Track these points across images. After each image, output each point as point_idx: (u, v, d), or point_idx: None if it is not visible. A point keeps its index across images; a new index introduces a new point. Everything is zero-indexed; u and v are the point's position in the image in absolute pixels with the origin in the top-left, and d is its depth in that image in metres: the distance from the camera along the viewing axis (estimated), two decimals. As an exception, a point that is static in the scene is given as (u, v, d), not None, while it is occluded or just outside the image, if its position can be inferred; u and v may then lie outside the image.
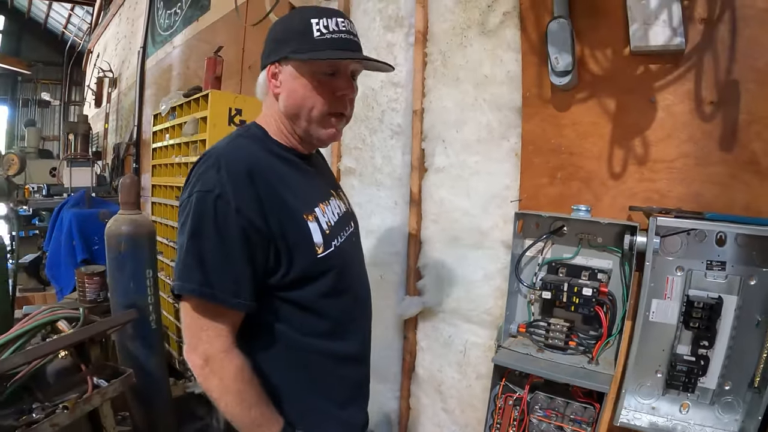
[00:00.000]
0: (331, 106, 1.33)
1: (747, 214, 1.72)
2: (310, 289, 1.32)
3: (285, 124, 1.39)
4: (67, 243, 4.63)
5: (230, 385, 1.21)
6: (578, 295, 1.91)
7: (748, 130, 1.73)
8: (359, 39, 1.38)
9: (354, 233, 1.56)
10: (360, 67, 1.40)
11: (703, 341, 1.79)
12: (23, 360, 2.04)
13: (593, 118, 2.02)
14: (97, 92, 10.18)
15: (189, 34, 5.50)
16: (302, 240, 1.28)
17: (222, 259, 1.19)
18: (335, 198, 1.51)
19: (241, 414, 1.22)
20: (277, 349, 1.34)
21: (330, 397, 1.44)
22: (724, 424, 1.79)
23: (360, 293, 1.53)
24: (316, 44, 1.27)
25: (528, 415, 2.04)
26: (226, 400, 1.21)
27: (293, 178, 1.35)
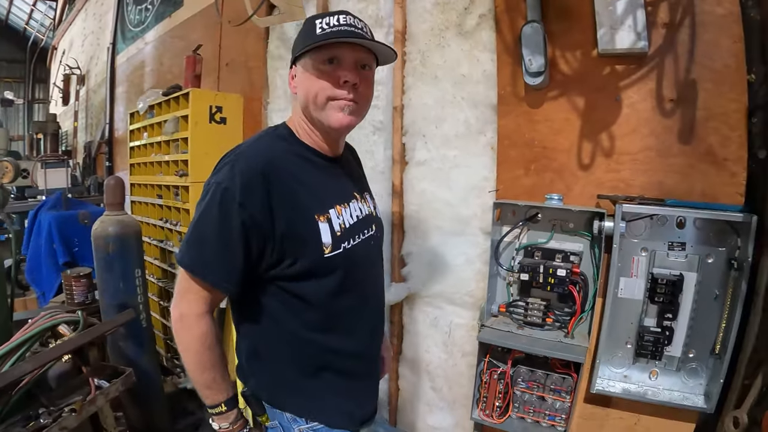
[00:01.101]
0: (334, 92, 1.36)
1: (704, 200, 1.92)
2: (315, 284, 1.38)
3: (306, 122, 1.45)
4: (48, 246, 4.47)
5: (192, 344, 1.34)
6: (553, 276, 2.08)
7: (705, 126, 1.91)
8: (367, 31, 1.40)
9: (374, 237, 1.58)
10: (366, 57, 1.41)
11: (668, 314, 1.98)
12: (33, 366, 2.03)
13: (564, 115, 2.18)
14: (64, 90, 9.87)
15: (162, 30, 5.39)
16: (310, 238, 1.34)
17: (218, 245, 1.29)
18: (358, 201, 1.54)
19: (195, 372, 1.36)
20: (280, 338, 1.44)
21: (328, 388, 1.48)
22: (690, 388, 1.99)
23: (368, 294, 1.56)
24: (316, 39, 1.33)
25: (512, 388, 2.22)
26: (187, 357, 1.36)
27: (312, 179, 1.41)
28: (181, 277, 1.36)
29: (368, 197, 1.65)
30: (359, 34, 1.36)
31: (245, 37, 3.66)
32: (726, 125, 1.87)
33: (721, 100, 1.87)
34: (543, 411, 2.20)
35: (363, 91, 1.41)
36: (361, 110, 1.44)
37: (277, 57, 3.25)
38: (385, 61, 1.50)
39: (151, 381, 3.10)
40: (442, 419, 2.65)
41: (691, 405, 1.95)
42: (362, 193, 1.61)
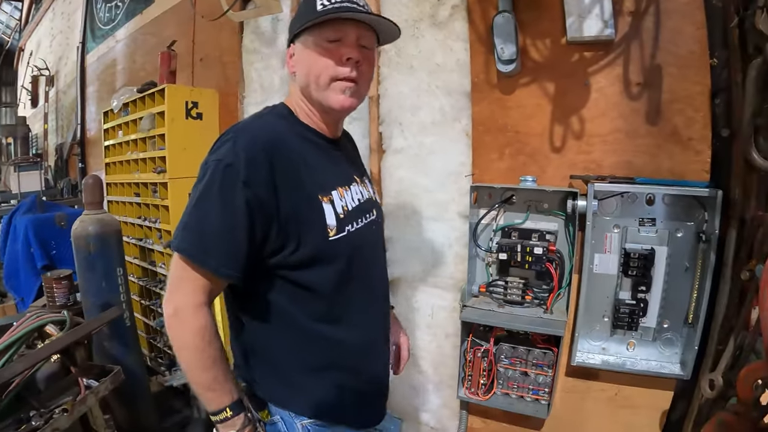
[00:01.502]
0: (337, 71, 1.30)
1: (671, 177, 2.00)
2: (319, 271, 1.31)
3: (305, 102, 1.40)
4: (25, 251, 4.39)
5: (190, 339, 1.21)
6: (531, 255, 2.16)
7: (671, 107, 1.99)
8: (368, 8, 1.34)
9: (375, 222, 1.52)
10: (369, 35, 1.37)
11: (641, 287, 2.07)
12: (24, 366, 2.02)
13: (536, 100, 2.25)
14: (32, 92, 9.67)
15: (133, 28, 5.31)
16: (315, 220, 1.28)
17: (221, 227, 1.19)
18: (358, 184, 1.49)
19: (194, 372, 1.23)
20: (283, 332, 1.36)
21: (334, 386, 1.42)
22: (667, 357, 2.09)
23: (375, 281, 1.52)
24: (318, 15, 1.27)
25: (495, 365, 2.30)
26: (184, 355, 1.23)
27: (314, 159, 1.35)
28: (175, 266, 1.23)
29: (367, 181, 1.60)
30: (361, 9, 1.30)
31: (219, 32, 3.65)
32: (690, 107, 1.95)
33: (685, 84, 1.95)
34: (527, 386, 2.28)
35: (365, 70, 1.37)
36: (362, 91, 1.39)
37: (252, 51, 3.26)
38: (387, 39, 1.47)
39: (138, 380, 3.10)
40: (428, 400, 2.71)
41: (668, 373, 2.04)
42: (361, 177, 1.57)
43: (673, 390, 2.10)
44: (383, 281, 1.60)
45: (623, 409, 2.22)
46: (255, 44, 3.23)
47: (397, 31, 1.42)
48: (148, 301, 4.00)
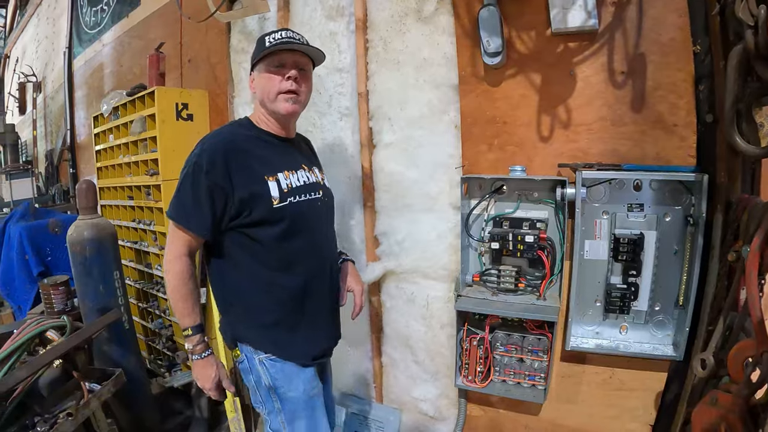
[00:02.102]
0: (281, 86, 1.82)
1: (657, 163, 2.04)
2: (267, 229, 1.78)
3: (263, 112, 1.91)
4: (20, 259, 4.38)
5: (171, 279, 1.76)
6: (522, 243, 2.20)
7: (654, 95, 2.03)
8: (304, 41, 1.89)
9: (320, 200, 1.96)
10: (303, 59, 1.89)
11: (632, 271, 2.11)
12: (26, 373, 2.05)
13: (522, 91, 2.28)
14: (20, 99, 9.60)
15: (119, 31, 5.27)
16: (263, 193, 1.75)
17: (192, 201, 1.71)
18: (306, 171, 1.94)
19: (174, 301, 1.78)
20: (241, 278, 1.84)
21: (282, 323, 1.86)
22: (659, 339, 2.13)
23: (317, 242, 1.94)
24: (265, 48, 1.81)
25: (491, 353, 2.33)
26: (168, 290, 1.79)
27: (264, 151, 1.85)
28: (168, 231, 1.80)
29: (317, 171, 2.04)
30: (297, 43, 1.84)
31: (206, 33, 3.66)
32: (674, 93, 1.99)
33: (668, 71, 1.99)
34: (523, 372, 2.32)
35: (303, 85, 1.87)
36: (302, 100, 1.89)
37: (240, 51, 3.26)
38: (318, 61, 1.98)
39: (138, 382, 3.11)
40: (426, 391, 2.74)
41: (661, 354, 2.08)
42: (311, 166, 2.01)
43: (667, 371, 2.14)
44: (327, 244, 2.04)
45: (618, 392, 2.26)
46: (243, 44, 3.23)
47: (323, 56, 1.96)
48: (146, 303, 4.02)
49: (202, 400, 3.42)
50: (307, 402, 1.91)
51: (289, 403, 1.89)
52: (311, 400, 1.93)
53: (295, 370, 1.88)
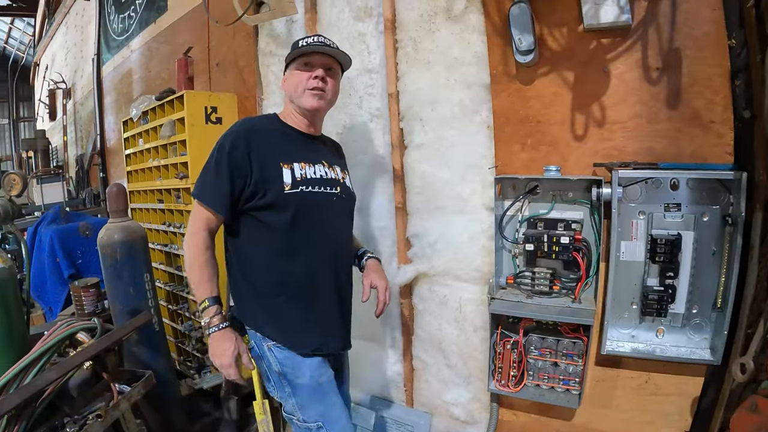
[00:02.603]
0: (308, 83, 1.94)
1: (694, 161, 1.99)
2: (277, 215, 1.86)
3: (290, 108, 2.03)
4: (51, 261, 4.43)
5: (188, 251, 1.85)
6: (557, 244, 2.16)
7: (690, 91, 1.98)
8: (333, 45, 2.00)
9: (337, 195, 2.01)
10: (331, 62, 2.00)
11: (669, 272, 2.06)
12: (57, 374, 2.04)
13: (555, 89, 2.24)
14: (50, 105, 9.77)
15: (147, 37, 5.36)
16: (276, 178, 1.85)
17: (213, 182, 1.83)
18: (325, 167, 2.01)
19: (190, 271, 1.85)
20: (253, 260, 1.93)
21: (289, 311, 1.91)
22: (696, 343, 2.08)
23: (328, 236, 1.98)
24: (298, 50, 1.95)
25: (525, 357, 2.29)
26: (186, 263, 1.88)
27: (284, 142, 1.95)
28: (193, 206, 1.92)
29: (338, 169, 2.09)
30: (326, 46, 1.96)
31: (233, 37, 3.69)
32: (710, 89, 1.94)
33: (703, 66, 1.94)
34: (557, 376, 2.28)
35: (329, 84, 1.98)
36: (328, 98, 2.00)
37: (268, 53, 3.27)
38: (346, 66, 2.10)
39: (168, 384, 3.13)
40: (458, 395, 2.70)
41: (698, 359, 2.03)
42: (332, 164, 2.07)
43: (704, 376, 2.09)
44: (339, 239, 2.06)
45: (653, 397, 2.21)
46: (270, 47, 3.24)
47: (350, 61, 2.10)
48: (176, 305, 4.04)
49: (231, 402, 3.43)
50: (316, 388, 1.92)
51: (299, 389, 1.92)
52: (321, 387, 1.93)
53: (300, 358, 1.92)
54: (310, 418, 1.92)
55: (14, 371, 2.03)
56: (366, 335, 2.94)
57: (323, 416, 1.92)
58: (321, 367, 1.94)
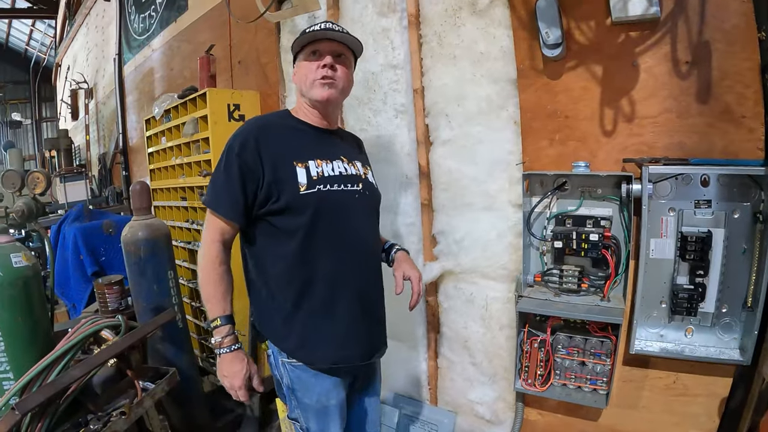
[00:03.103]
0: (316, 73, 1.81)
1: (725, 157, 1.95)
2: (292, 218, 1.75)
3: (302, 102, 1.92)
4: (75, 258, 4.47)
5: (202, 262, 1.76)
6: (586, 241, 2.12)
7: (721, 85, 1.94)
8: (342, 30, 1.86)
9: (359, 192, 1.89)
10: (340, 48, 1.87)
11: (699, 270, 2.02)
12: (81, 372, 2.04)
13: (583, 84, 2.20)
14: (72, 105, 9.91)
15: (168, 36, 5.42)
16: (290, 179, 1.73)
17: (224, 187, 1.73)
18: (345, 162, 1.90)
19: (203, 286, 1.77)
20: (270, 268, 1.82)
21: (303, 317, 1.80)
22: (725, 343, 2.03)
23: (349, 238, 1.85)
24: (301, 38, 1.85)
25: (552, 356, 2.26)
26: (199, 273, 1.77)
27: (297, 139, 1.85)
28: (206, 220, 1.80)
29: (359, 165, 1.97)
30: (333, 31, 1.82)
31: (255, 34, 3.70)
32: (740, 83, 1.90)
33: (734, 60, 1.90)
34: (584, 376, 2.24)
35: (339, 72, 1.84)
36: (339, 86, 1.85)
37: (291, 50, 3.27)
38: (357, 51, 1.96)
39: (191, 381, 3.14)
40: (483, 393, 2.69)
41: (727, 359, 1.99)
42: (352, 159, 1.95)
43: (732, 377, 2.05)
44: (363, 240, 1.92)
45: (681, 398, 2.17)
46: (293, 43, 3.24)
47: (360, 45, 1.95)
48: (199, 302, 4.06)
49: (253, 398, 3.44)
50: (319, 411, 1.89)
51: (304, 407, 1.89)
52: (325, 409, 1.89)
53: (312, 380, 1.84)
54: (311, 428, 1.92)
55: (38, 368, 2.03)
56: (390, 333, 2.85)
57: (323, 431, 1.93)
58: (332, 390, 1.88)
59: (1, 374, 2.24)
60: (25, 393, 1.97)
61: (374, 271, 1.99)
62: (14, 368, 2.24)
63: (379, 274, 2.02)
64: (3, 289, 2.21)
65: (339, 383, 1.89)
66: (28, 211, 5.12)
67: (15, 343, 2.26)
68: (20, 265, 2.28)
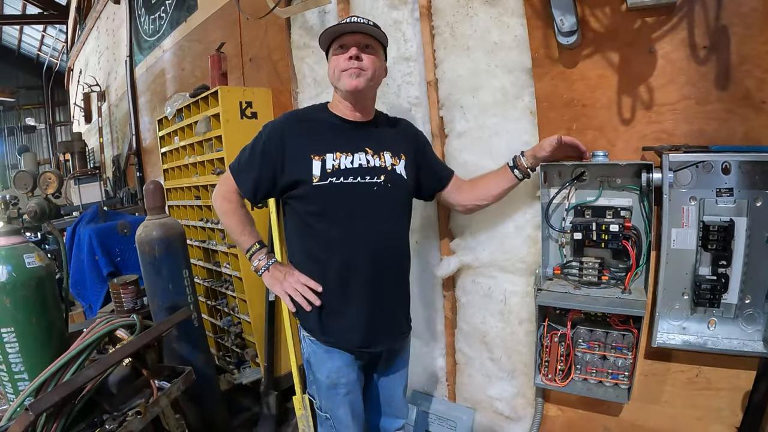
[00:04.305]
0: (343, 65, 1.92)
1: (746, 143, 1.90)
2: (308, 207, 1.94)
3: (336, 96, 2.06)
4: (90, 259, 4.52)
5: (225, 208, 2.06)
6: (606, 232, 2.07)
7: (740, 69, 1.89)
8: (368, 22, 1.96)
9: (378, 185, 1.98)
10: (366, 39, 1.95)
11: (722, 261, 1.96)
12: (96, 371, 2.06)
13: (600, 71, 2.16)
14: (85, 108, 10.04)
15: (179, 36, 5.45)
16: (305, 169, 1.90)
17: (246, 163, 2.00)
18: (368, 154, 1.98)
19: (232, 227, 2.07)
20: (295, 247, 2.06)
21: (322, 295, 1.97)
22: (749, 335, 1.98)
23: (359, 226, 1.96)
24: (326, 34, 1.98)
25: (573, 350, 2.22)
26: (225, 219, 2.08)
27: (323, 132, 1.99)
28: (224, 173, 2.11)
29: (388, 155, 2.04)
30: (358, 24, 1.92)
31: (266, 31, 3.70)
32: (759, 68, 1.85)
33: (753, 44, 1.85)
34: (605, 370, 2.20)
35: (366, 62, 1.93)
36: (367, 75, 1.94)
37: (302, 46, 3.25)
38: (384, 41, 2.05)
39: (208, 379, 3.15)
40: (502, 389, 2.65)
41: (751, 351, 1.94)
42: (380, 151, 2.02)
43: (756, 369, 2.00)
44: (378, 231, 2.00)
45: (704, 392, 2.13)
46: (304, 39, 3.21)
47: (384, 35, 2.04)
48: (214, 301, 4.08)
49: (270, 397, 3.45)
50: (330, 387, 2.03)
51: (317, 382, 2.07)
52: (334, 388, 2.03)
53: (325, 356, 2.02)
54: (323, 407, 2.09)
55: (53, 369, 2.05)
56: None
57: (331, 411, 2.07)
58: (343, 368, 2.03)
59: (17, 375, 2.27)
60: (40, 393, 1.97)
61: (391, 262, 2.07)
62: (29, 369, 2.27)
63: (398, 265, 2.14)
64: (16, 290, 2.23)
65: (350, 363, 2.04)
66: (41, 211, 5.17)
67: (29, 344, 2.29)
68: (33, 265, 2.30)
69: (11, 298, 2.23)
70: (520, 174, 2.16)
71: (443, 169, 2.33)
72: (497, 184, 2.22)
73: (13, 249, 2.29)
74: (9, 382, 2.30)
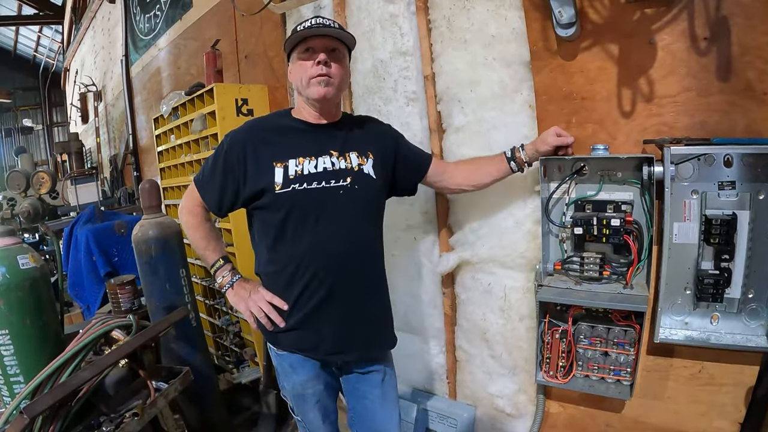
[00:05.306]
0: (311, 72, 1.85)
1: (748, 135, 1.87)
2: (271, 215, 1.89)
3: (300, 101, 2.00)
4: (87, 260, 4.49)
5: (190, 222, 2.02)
6: (607, 227, 2.05)
7: (741, 61, 1.86)
8: (334, 25, 1.89)
9: (344, 188, 1.91)
10: (333, 43, 1.89)
11: (724, 255, 1.94)
12: (92, 373, 2.04)
13: (599, 64, 2.13)
14: (82, 108, 10.02)
15: (174, 34, 5.42)
16: (267, 178, 1.85)
17: (209, 176, 1.96)
18: (333, 156, 1.93)
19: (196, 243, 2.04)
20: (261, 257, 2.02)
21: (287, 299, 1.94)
22: (752, 330, 1.95)
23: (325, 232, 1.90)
24: (293, 37, 1.88)
25: (574, 346, 2.20)
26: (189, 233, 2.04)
27: (286, 138, 1.94)
28: (189, 187, 2.05)
29: (354, 156, 1.98)
30: (324, 26, 1.86)
31: (261, 28, 3.67)
32: (761, 59, 1.82)
33: (753, 34, 1.82)
34: (607, 366, 2.18)
35: (334, 68, 1.88)
36: (336, 82, 1.90)
37: (283, 50, 3.25)
38: (350, 44, 1.98)
39: (206, 379, 3.13)
40: (503, 386, 2.63)
41: (754, 346, 1.92)
42: (346, 152, 1.97)
43: (759, 364, 1.97)
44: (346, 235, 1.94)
45: (707, 387, 2.11)
46: (299, 35, 3.20)
47: (353, 39, 1.98)
48: (212, 300, 4.07)
49: (269, 396, 3.44)
50: (296, 396, 2.06)
51: (284, 390, 2.11)
52: (301, 396, 2.05)
53: (289, 369, 2.02)
54: (295, 410, 2.13)
55: (48, 371, 2.02)
56: (407, 327, 2.89)
57: (302, 415, 2.10)
58: (308, 382, 2.03)
59: (12, 378, 2.24)
60: (36, 395, 1.95)
61: (359, 268, 1.99)
62: (24, 371, 2.24)
63: (368, 270, 2.05)
64: (10, 291, 2.20)
65: (317, 374, 2.03)
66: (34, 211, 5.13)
67: (24, 346, 2.26)
68: (27, 266, 2.27)
69: (5, 300, 2.20)
70: (516, 166, 2.14)
71: (421, 157, 2.26)
72: (488, 173, 2.20)
73: (6, 250, 2.26)
74: (4, 385, 2.27)
